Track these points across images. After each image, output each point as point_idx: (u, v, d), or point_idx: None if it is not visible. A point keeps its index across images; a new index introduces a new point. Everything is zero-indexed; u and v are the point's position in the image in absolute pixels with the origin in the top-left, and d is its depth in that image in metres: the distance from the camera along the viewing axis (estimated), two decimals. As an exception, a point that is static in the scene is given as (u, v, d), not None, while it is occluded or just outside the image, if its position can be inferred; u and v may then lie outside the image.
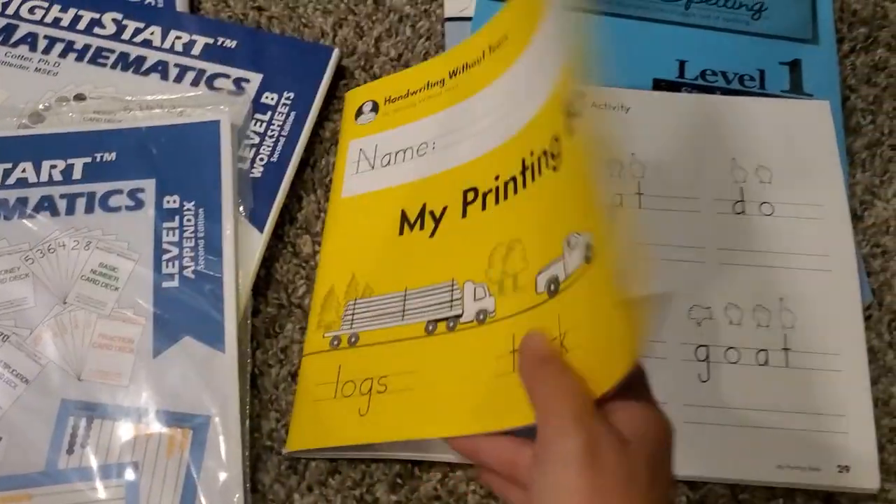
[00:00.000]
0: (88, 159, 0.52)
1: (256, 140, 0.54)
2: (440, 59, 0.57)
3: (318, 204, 0.55)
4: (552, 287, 0.41)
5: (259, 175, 0.53)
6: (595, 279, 0.37)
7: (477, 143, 0.50)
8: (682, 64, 0.59)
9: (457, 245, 0.48)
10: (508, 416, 0.40)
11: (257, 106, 0.55)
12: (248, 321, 0.50)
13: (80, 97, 0.55)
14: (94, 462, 0.46)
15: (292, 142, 0.54)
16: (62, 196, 0.51)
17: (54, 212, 0.51)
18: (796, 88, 0.58)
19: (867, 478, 0.47)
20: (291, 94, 0.56)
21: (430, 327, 0.47)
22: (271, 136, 0.54)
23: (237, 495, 0.45)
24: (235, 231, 0.51)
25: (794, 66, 0.59)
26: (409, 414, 0.45)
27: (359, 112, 0.56)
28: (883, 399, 0.50)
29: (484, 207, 0.48)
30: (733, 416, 0.48)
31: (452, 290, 0.47)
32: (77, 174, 0.52)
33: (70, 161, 0.52)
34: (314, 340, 0.49)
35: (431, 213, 0.51)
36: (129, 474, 0.46)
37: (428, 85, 0.55)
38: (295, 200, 0.55)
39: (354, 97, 0.57)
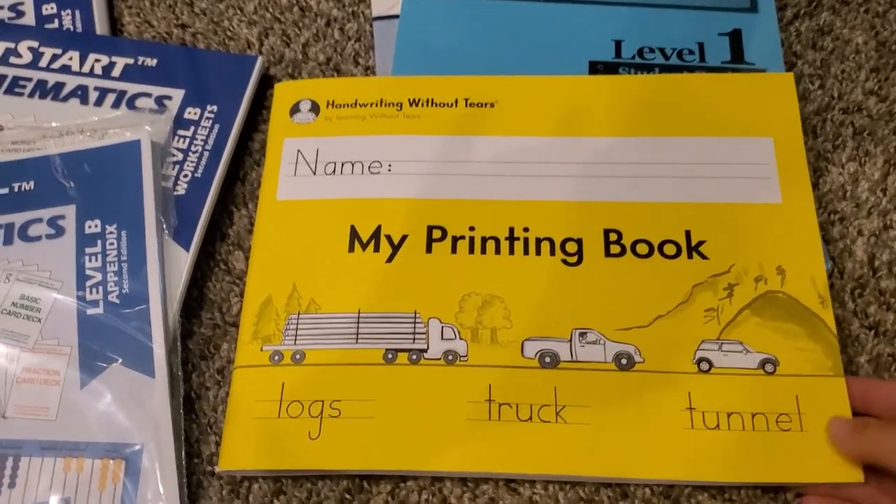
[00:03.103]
0: (6, 190, 0.50)
1: (180, 157, 0.52)
2: (397, 81, 0.55)
3: (249, 218, 0.53)
4: (547, 360, 0.46)
5: (183, 192, 0.51)
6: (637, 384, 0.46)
7: (450, 185, 0.51)
8: (618, 44, 0.57)
9: (420, 278, 0.49)
10: (488, 461, 0.45)
11: (180, 122, 0.54)
12: (178, 343, 0.48)
13: (-3, 129, 0.53)
14: (23, 503, 0.44)
15: (217, 155, 0.52)
16: (-21, 230, 0.50)
17: (-28, 246, 0.49)
18: (738, 58, 0.56)
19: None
20: (215, 108, 0.54)
21: (390, 356, 0.47)
22: (195, 152, 0.52)
23: (175, 525, 0.43)
24: (160, 251, 0.49)
25: (735, 36, 0.57)
26: (370, 443, 0.45)
27: (295, 109, 0.54)
28: (851, 370, 0.48)
29: (454, 251, 0.49)
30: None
31: (415, 323, 0.47)
32: (-6, 207, 0.50)
33: (-13, 193, 0.51)
34: (249, 352, 0.47)
35: (388, 237, 0.50)
36: (61, 512, 0.44)
37: (382, 103, 0.54)
38: (225, 216, 0.53)
39: (287, 91, 0.55)
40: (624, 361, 0.46)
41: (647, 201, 0.50)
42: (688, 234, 0.49)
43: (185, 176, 0.52)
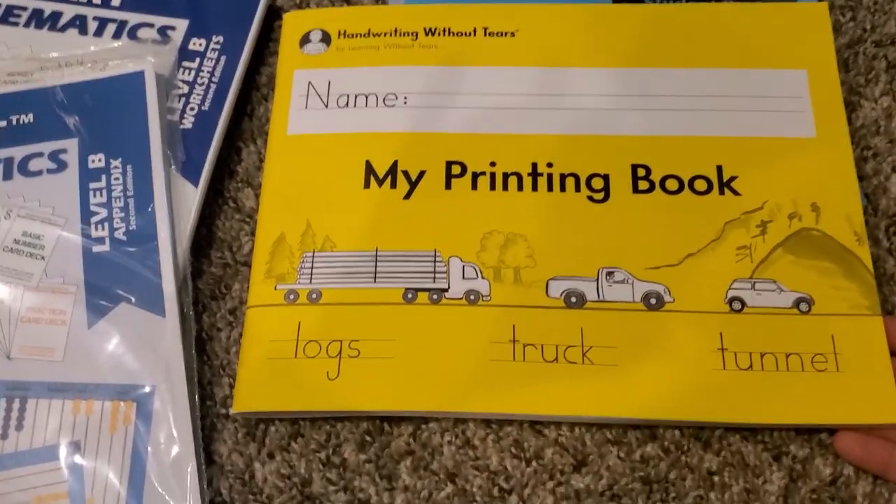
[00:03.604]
0: (3, 123, 0.48)
1: (185, 89, 0.50)
2: (411, 10, 0.53)
3: (258, 154, 0.51)
4: (573, 300, 0.44)
5: (190, 126, 0.49)
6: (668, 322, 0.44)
7: (469, 118, 0.49)
8: (642, -28, 0.55)
9: (439, 216, 0.47)
10: (513, 403, 0.43)
11: (185, 53, 0.51)
12: (189, 282, 0.46)
13: (-8, 60, 0.51)
14: (31, 445, 0.42)
15: (224, 88, 0.50)
16: (-23, 165, 0.47)
17: (-30, 182, 0.47)
18: (767, -13, 0.54)
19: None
20: (221, 38, 0.52)
21: (410, 296, 0.45)
22: (201, 84, 0.50)
23: (190, 467, 0.42)
24: (168, 187, 0.47)
25: (764, -36, 0.55)
26: (391, 384, 0.43)
27: (305, 40, 0.52)
28: (886, 310, 0.46)
29: (475, 187, 0.47)
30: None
31: (435, 262, 0.45)
32: (-8, 140, 0.48)
33: (-16, 127, 0.48)
34: (263, 291, 0.46)
35: (405, 173, 0.48)
36: (71, 455, 0.42)
37: (396, 32, 0.52)
38: (233, 152, 0.51)
39: (296, 21, 0.53)
40: (653, 301, 0.45)
41: (676, 135, 0.48)
42: (719, 169, 0.47)
43: (192, 109, 0.49)
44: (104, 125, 0.48)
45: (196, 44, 0.51)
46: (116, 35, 0.52)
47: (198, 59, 0.51)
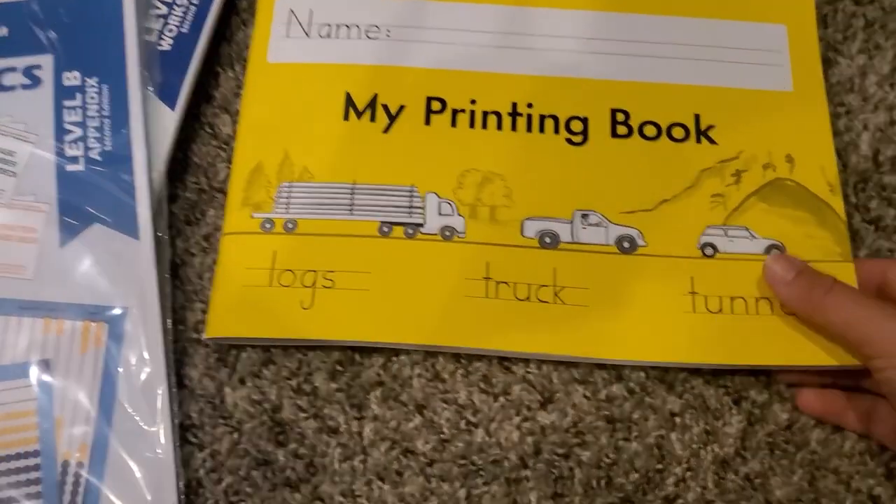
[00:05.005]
0: (-24, 35, 0.47)
1: (164, 10, 0.49)
2: None
3: (236, 80, 0.50)
4: (547, 240, 0.45)
5: (168, 48, 0.48)
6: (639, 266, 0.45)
7: (452, 54, 0.49)
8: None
9: (418, 151, 0.47)
10: (484, 338, 0.44)
11: (164, -29, 0.50)
12: (165, 205, 0.46)
13: (-37, -30, 0.49)
14: (0, 362, 0.42)
15: (204, 10, 0.49)
16: (-52, 76, 0.46)
17: (-60, 94, 0.46)
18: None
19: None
20: (202, -42, 0.50)
21: (385, 229, 0.45)
22: (180, 5, 0.49)
23: (160, 390, 0.42)
24: (144, 108, 0.46)
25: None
26: (364, 315, 0.43)
27: None
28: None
29: (454, 124, 0.47)
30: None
31: (412, 197, 0.45)
32: (-36, 53, 0.46)
33: (-44, 39, 0.47)
34: (238, 219, 0.45)
35: (385, 107, 0.47)
36: (40, 373, 0.42)
37: None
38: (211, 77, 0.50)
39: None
40: (626, 245, 0.45)
41: (656, 81, 0.49)
42: (697, 117, 0.48)
43: (171, 31, 0.48)
44: (80, 42, 0.47)
45: (176, -37, 0.50)
46: (94, -51, 0.50)
47: (178, -21, 0.50)
